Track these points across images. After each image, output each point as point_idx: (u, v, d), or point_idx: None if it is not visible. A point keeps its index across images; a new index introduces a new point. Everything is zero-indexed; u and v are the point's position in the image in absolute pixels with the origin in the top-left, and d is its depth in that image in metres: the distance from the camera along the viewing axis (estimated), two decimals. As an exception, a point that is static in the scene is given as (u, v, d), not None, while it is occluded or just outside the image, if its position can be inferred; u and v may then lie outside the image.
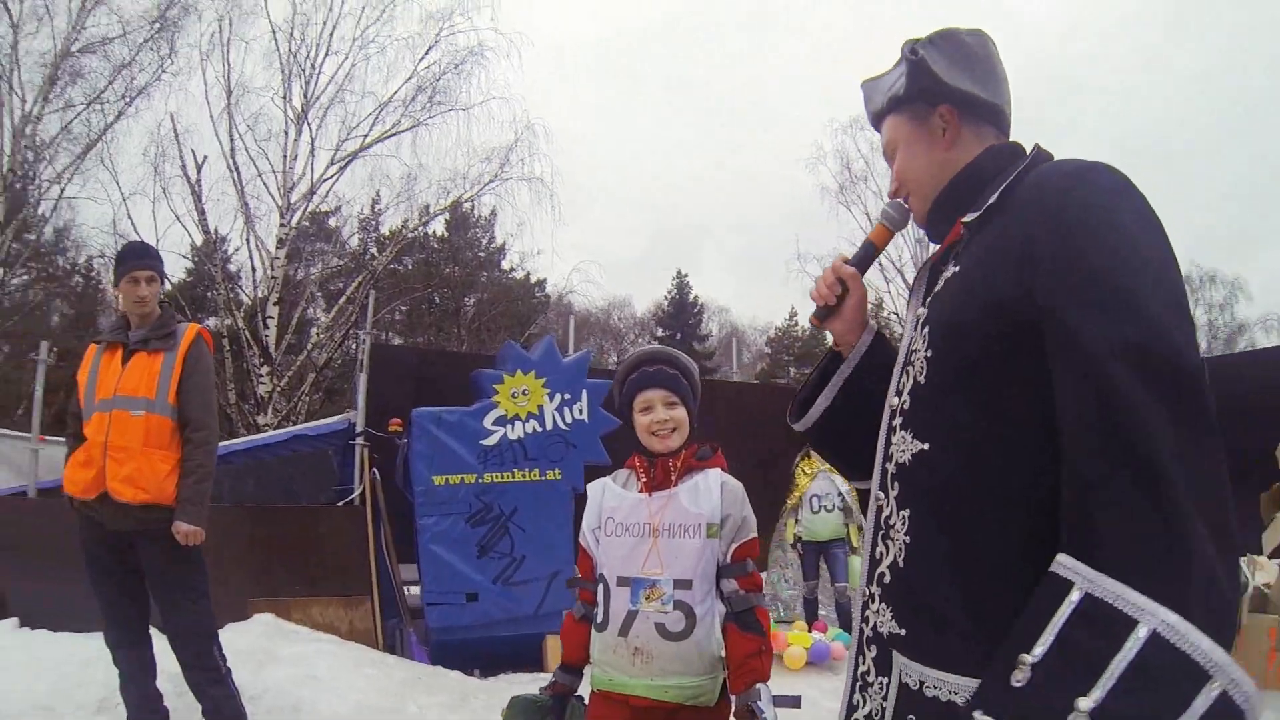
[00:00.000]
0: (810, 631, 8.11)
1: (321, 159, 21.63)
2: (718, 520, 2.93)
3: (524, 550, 7.25)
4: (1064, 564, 1.26)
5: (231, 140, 20.74)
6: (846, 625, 8.23)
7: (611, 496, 3.09)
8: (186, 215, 21.29)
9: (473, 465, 7.32)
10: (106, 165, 20.99)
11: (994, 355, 1.50)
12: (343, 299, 23.20)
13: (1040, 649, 1.23)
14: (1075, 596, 1.23)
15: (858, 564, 7.90)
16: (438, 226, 28.77)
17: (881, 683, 1.77)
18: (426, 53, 21.95)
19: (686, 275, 45.40)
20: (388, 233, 27.71)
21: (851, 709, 1.88)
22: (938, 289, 1.72)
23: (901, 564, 1.67)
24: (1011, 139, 1.85)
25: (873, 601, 1.80)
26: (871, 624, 1.80)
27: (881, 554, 1.77)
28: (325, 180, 21.84)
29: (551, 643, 7.03)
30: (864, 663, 1.84)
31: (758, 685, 2.84)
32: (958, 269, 1.66)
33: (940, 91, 1.81)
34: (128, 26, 21.12)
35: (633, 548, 2.96)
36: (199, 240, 22.47)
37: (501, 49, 22.49)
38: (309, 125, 21.41)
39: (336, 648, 6.25)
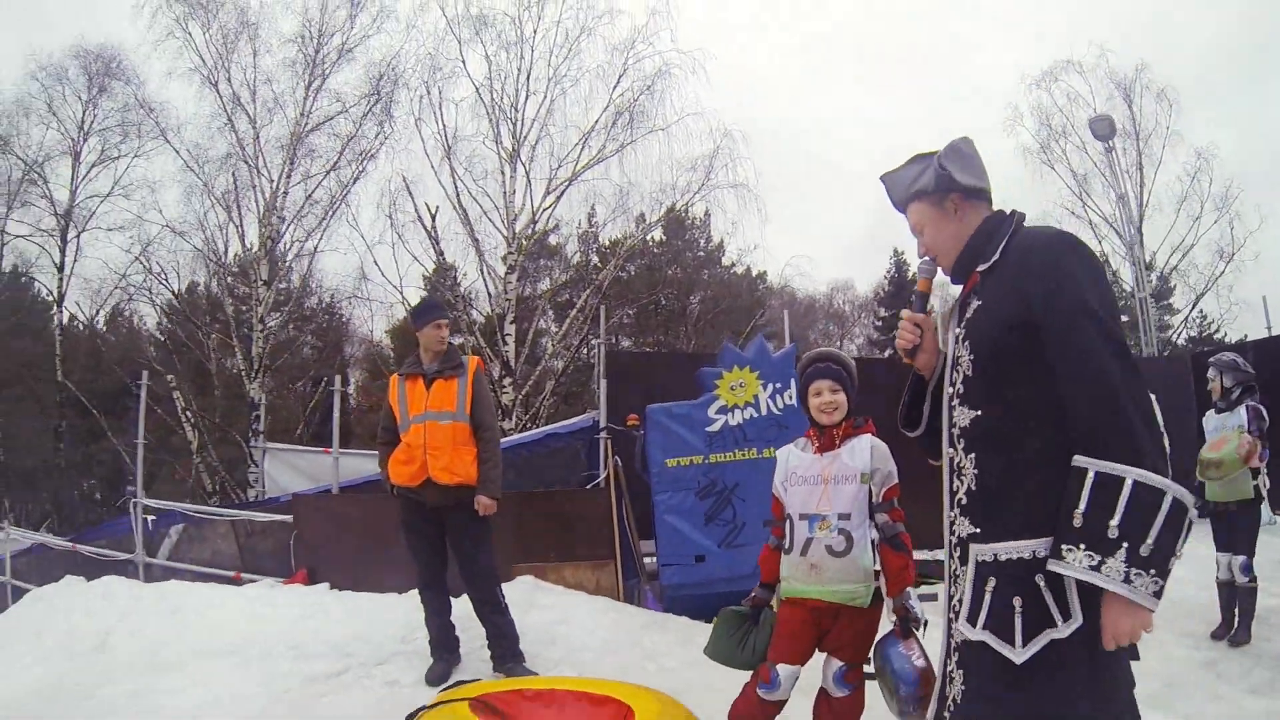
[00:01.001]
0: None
1: (538, 188, 23.23)
2: (869, 470, 3.97)
3: (745, 518, 8.05)
4: (1080, 460, 2.33)
5: (455, 185, 22.83)
6: None
7: (794, 458, 4.20)
8: (423, 254, 23.82)
9: (700, 449, 8.22)
10: (350, 223, 23.88)
11: (1014, 350, 2.53)
12: (574, 311, 24.70)
13: (1083, 504, 2.29)
14: (1091, 475, 2.30)
15: None
16: (655, 233, 29.62)
17: (964, 571, 2.64)
18: (618, 81, 23.17)
19: (904, 253, 44.29)
20: (607, 243, 28.96)
21: (950, 599, 2.76)
22: (969, 316, 2.70)
23: (974, 487, 2.61)
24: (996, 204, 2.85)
25: (955, 521, 2.71)
26: (956, 534, 2.70)
27: (956, 486, 2.71)
28: (544, 210, 23.47)
29: (769, 602, 8.00)
30: (953, 564, 2.73)
31: (908, 589, 3.88)
32: (980, 303, 2.67)
33: (953, 186, 2.76)
34: (347, 104, 23.98)
35: (809, 492, 4.03)
36: (430, 269, 24.59)
37: (687, 66, 23.23)
38: (521, 162, 23.04)
39: (586, 600, 7.47)
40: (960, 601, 2.68)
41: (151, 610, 7.63)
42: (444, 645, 6.02)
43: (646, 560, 8.86)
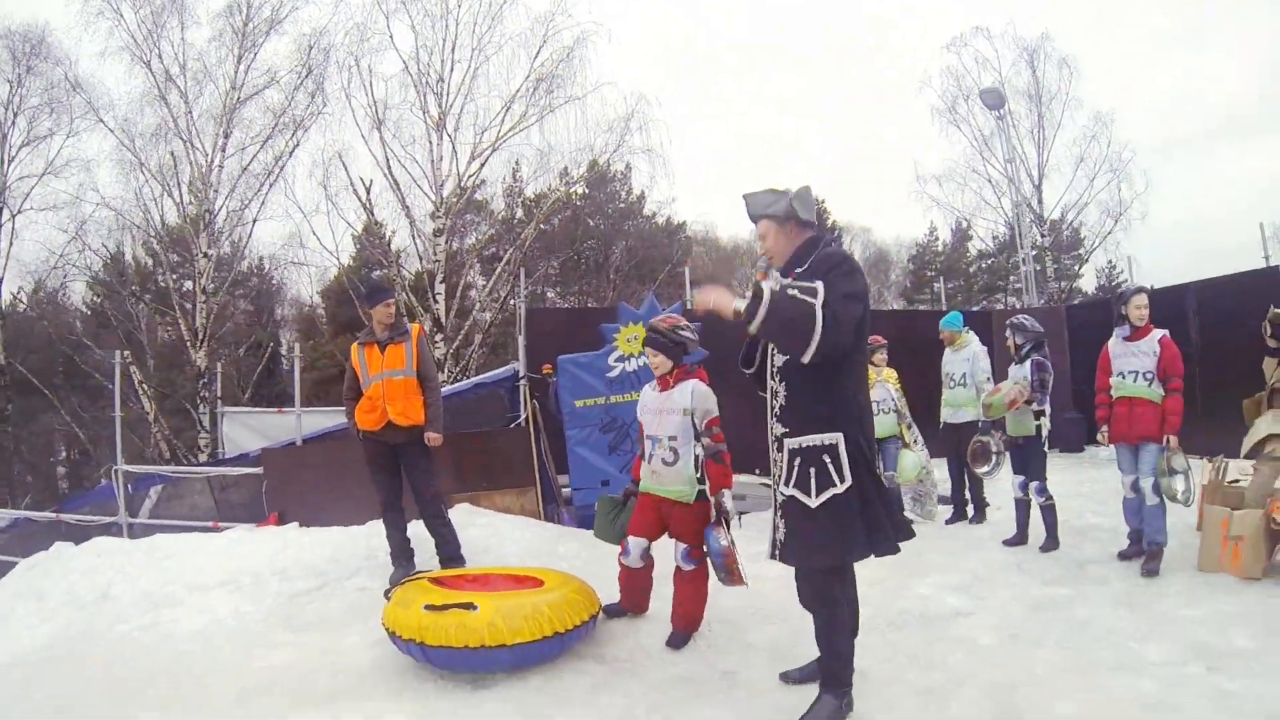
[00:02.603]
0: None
1: (464, 154, 24.03)
2: (690, 407, 5.63)
3: (639, 448, 9.46)
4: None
5: (386, 154, 23.56)
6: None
7: (646, 394, 5.98)
8: (356, 220, 24.65)
9: (602, 391, 9.62)
10: (288, 195, 24.67)
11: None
12: (500, 265, 25.68)
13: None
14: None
15: (908, 458, 9.39)
16: (578, 187, 30.29)
17: (781, 455, 4.36)
18: (539, 51, 24.01)
19: (824, 201, 45.41)
20: (532, 197, 29.69)
21: (774, 474, 4.46)
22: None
23: (784, 404, 4.35)
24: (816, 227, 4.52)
25: (773, 425, 4.41)
26: (774, 433, 4.41)
27: (774, 404, 4.41)
28: (470, 176, 24.32)
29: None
30: (773, 452, 4.45)
31: (724, 490, 5.56)
32: (795, 291, 4.07)
33: (794, 218, 4.40)
34: (278, 75, 24.62)
35: (652, 420, 5.83)
36: (359, 229, 25.50)
37: (603, 35, 25.16)
38: (447, 131, 23.87)
39: (511, 519, 8.83)
40: (780, 474, 4.36)
41: (145, 560, 8.45)
42: (403, 555, 7.54)
43: (563, 490, 10.27)
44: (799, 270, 4.27)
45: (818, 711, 4.34)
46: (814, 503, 4.17)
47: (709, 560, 5.67)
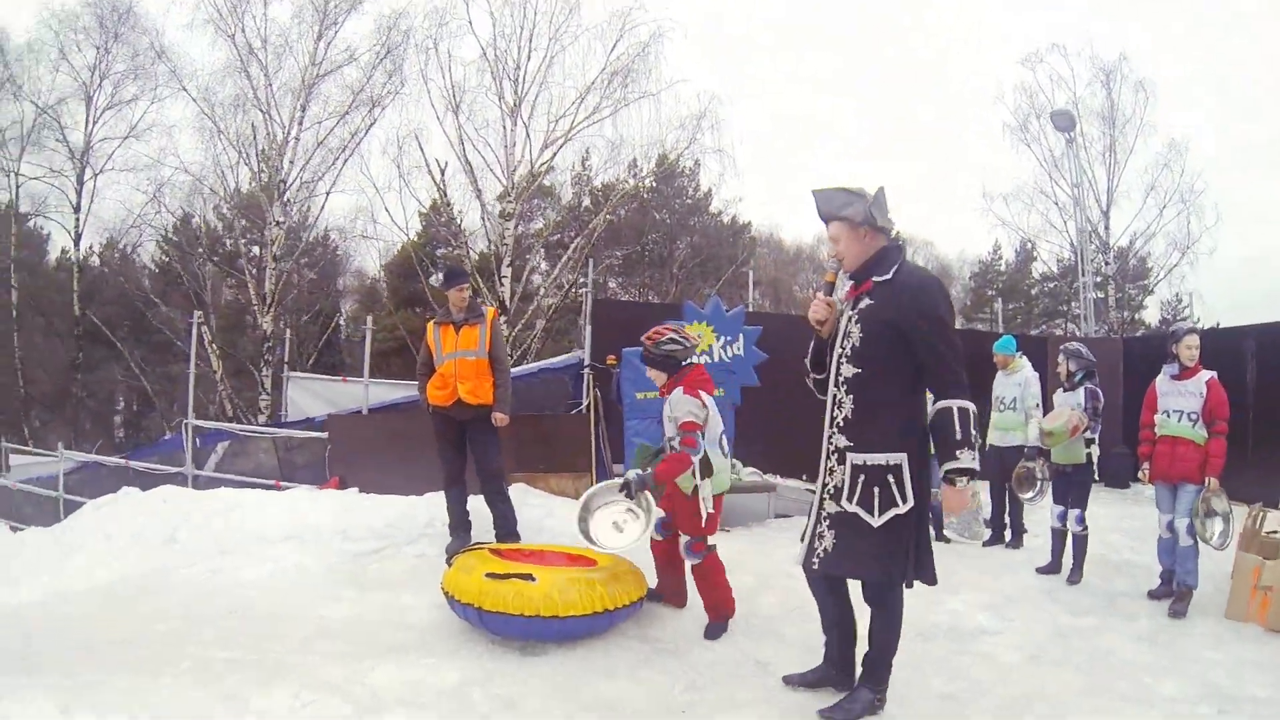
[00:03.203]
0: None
1: (536, 141, 24.33)
2: (671, 415, 5.90)
3: None
4: (941, 402, 4.20)
5: (461, 138, 23.92)
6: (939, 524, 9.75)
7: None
8: (426, 199, 25.58)
9: None
10: (363, 172, 25.23)
11: (886, 336, 4.27)
12: (566, 253, 26.00)
13: (956, 426, 4.17)
14: (940, 406, 4.20)
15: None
16: (646, 179, 30.41)
17: (841, 469, 4.39)
18: (615, 45, 24.20)
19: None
20: (600, 186, 30.01)
21: (824, 485, 4.51)
22: (861, 307, 4.34)
23: (850, 417, 4.37)
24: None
25: (833, 436, 4.43)
26: (834, 445, 4.43)
27: (836, 414, 4.43)
28: (542, 164, 24.62)
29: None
30: (830, 463, 4.47)
31: (644, 473, 5.89)
32: (871, 302, 4.31)
33: (871, 223, 4.36)
34: (356, 53, 25.14)
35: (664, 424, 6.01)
36: (427, 208, 26.14)
37: (678, 33, 25.10)
38: (522, 118, 24.15)
39: (566, 501, 9.05)
40: (837, 487, 4.40)
41: (210, 510, 8.80)
42: (461, 526, 7.87)
43: (617, 478, 10.39)
44: (878, 279, 4.33)
45: (853, 701, 4.54)
46: (877, 522, 4.27)
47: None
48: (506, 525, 7.82)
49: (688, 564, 6.14)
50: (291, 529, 8.33)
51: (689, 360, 6.16)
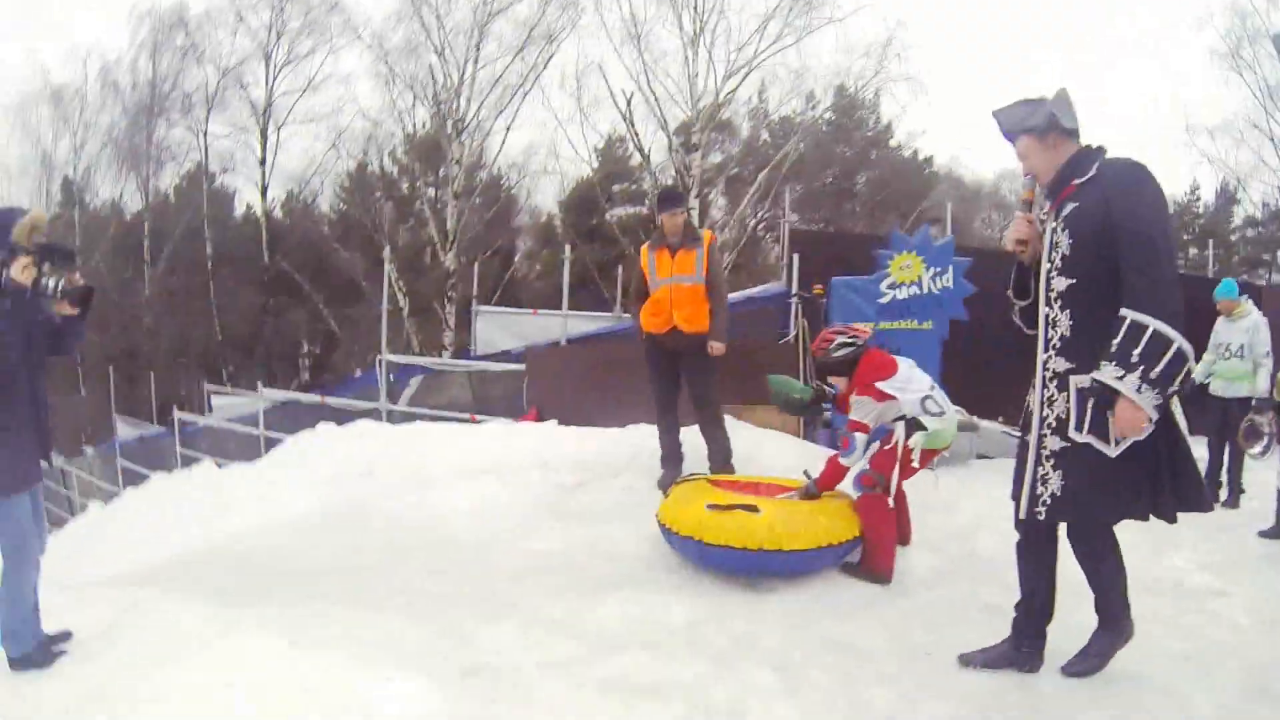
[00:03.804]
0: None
1: (719, 70, 24.22)
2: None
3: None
4: (1124, 310, 3.52)
5: (644, 69, 24.14)
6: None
7: None
8: (608, 131, 26.19)
9: (871, 316, 9.35)
10: (544, 105, 25.94)
11: (1099, 239, 3.68)
12: (752, 189, 25.77)
13: (1119, 337, 3.52)
14: (1128, 320, 3.51)
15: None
16: (825, 111, 30.13)
17: (1064, 395, 3.83)
18: None
19: None
20: (777, 120, 29.93)
21: (1043, 419, 3.91)
22: (1066, 213, 3.81)
23: (1067, 334, 3.82)
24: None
25: (1050, 359, 3.88)
26: (1051, 369, 3.88)
27: (1051, 335, 3.88)
28: (728, 93, 24.56)
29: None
30: (1048, 391, 3.89)
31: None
32: (1076, 205, 3.78)
33: (1056, 127, 3.88)
34: None
35: None
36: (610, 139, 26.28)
37: None
38: (704, 45, 24.03)
39: (774, 434, 8.83)
40: (1060, 418, 3.82)
41: (407, 443, 8.91)
42: (672, 457, 7.61)
43: (824, 411, 10.15)
44: (1079, 180, 3.82)
45: (1101, 645, 4.11)
46: (1114, 451, 3.71)
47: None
48: (722, 456, 7.49)
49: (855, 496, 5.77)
50: (489, 461, 8.25)
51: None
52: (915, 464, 5.60)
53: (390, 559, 6.08)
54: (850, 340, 5.81)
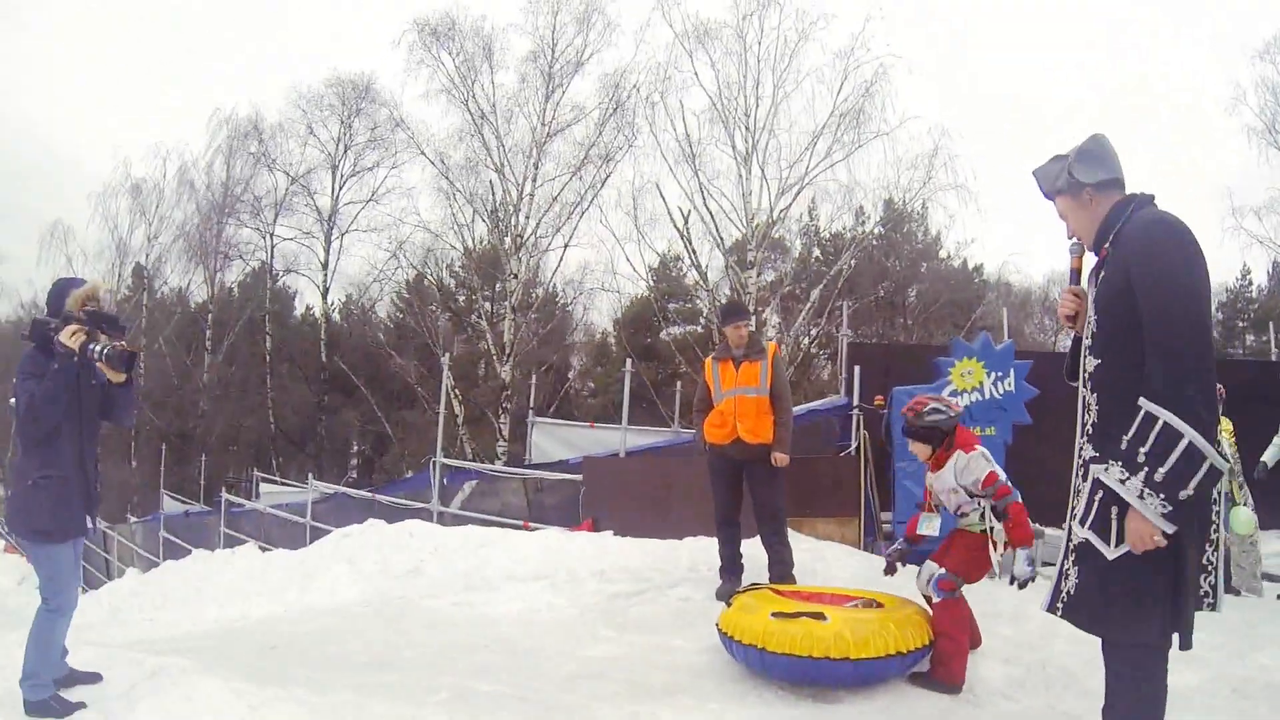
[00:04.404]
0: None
1: (772, 188, 24.61)
2: (955, 485, 5.57)
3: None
4: (1141, 400, 3.03)
5: (701, 187, 24.64)
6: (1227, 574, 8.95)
7: (928, 475, 5.83)
8: (665, 250, 26.78)
9: None
10: (603, 223, 26.37)
11: (1121, 312, 3.22)
12: (807, 306, 25.78)
13: (1130, 432, 3.03)
14: (1141, 412, 3.02)
15: (1243, 513, 8.37)
16: (875, 226, 30.40)
17: (1085, 486, 3.34)
18: (840, 87, 24.25)
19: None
20: (828, 236, 30.38)
21: (1072, 510, 3.45)
22: (1098, 284, 3.39)
23: (1095, 420, 3.38)
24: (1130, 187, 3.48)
25: (1082, 447, 3.46)
26: (1081, 457, 3.45)
27: (1085, 419, 3.46)
28: (782, 210, 24.97)
29: (987, 547, 9.13)
30: (1077, 480, 3.46)
31: (1019, 549, 5.34)
32: (1104, 273, 3.37)
33: (1083, 184, 3.47)
34: (586, 111, 26.58)
35: (939, 496, 5.76)
36: (667, 258, 26.77)
37: (902, 68, 25.54)
38: (758, 164, 24.51)
39: (835, 546, 8.66)
40: (1076, 509, 3.39)
41: (458, 546, 8.89)
42: (732, 568, 7.47)
43: (884, 525, 9.97)
44: (1107, 246, 3.40)
45: None
46: (1112, 554, 3.21)
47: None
48: (783, 567, 7.36)
49: (929, 600, 5.64)
50: (543, 568, 8.23)
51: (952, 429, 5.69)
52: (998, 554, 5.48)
53: (434, 656, 5.98)
54: (943, 410, 5.69)
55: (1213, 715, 4.72)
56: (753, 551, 7.55)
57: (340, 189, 32.49)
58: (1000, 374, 9.48)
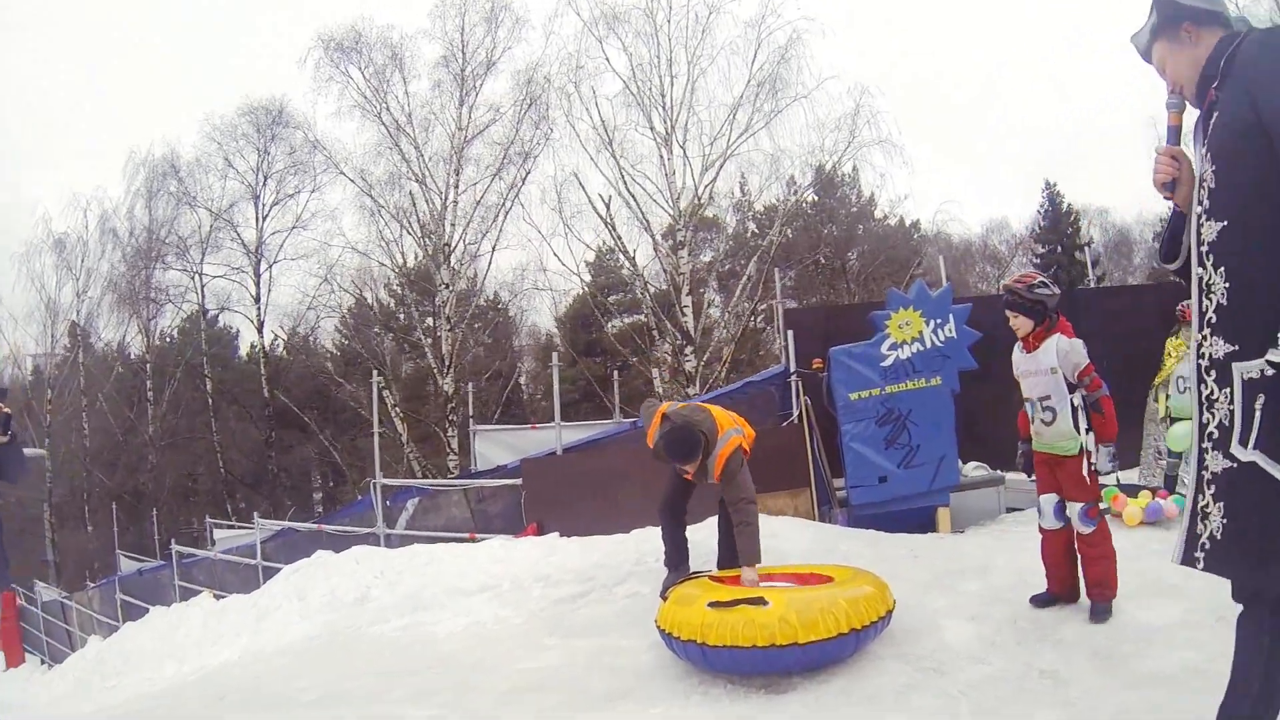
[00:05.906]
0: (1154, 498, 7.92)
1: (695, 166, 24.55)
2: (1056, 365, 5.25)
3: (919, 440, 8.79)
4: None
5: (621, 173, 24.38)
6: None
7: (1016, 357, 5.57)
8: (594, 241, 26.31)
9: (877, 381, 8.95)
10: (526, 220, 26.13)
11: (1252, 156, 2.52)
12: (743, 279, 25.63)
13: None
14: None
15: (1180, 429, 8.17)
16: (808, 194, 30.38)
17: (1225, 393, 2.59)
18: (755, 56, 24.22)
19: (1055, 185, 42.53)
20: (761, 209, 30.13)
21: (1203, 428, 2.69)
22: (1210, 131, 2.70)
23: (1224, 302, 2.60)
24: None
25: (1205, 341, 2.68)
26: (1207, 355, 2.66)
27: (1206, 306, 2.68)
28: (706, 186, 24.75)
29: (942, 513, 8.82)
30: (1207, 388, 2.67)
31: (1101, 443, 5.28)
32: (1218, 115, 2.67)
33: (1180, 14, 2.81)
34: (501, 111, 26.30)
35: (1025, 382, 5.50)
36: (596, 249, 26.90)
37: (816, 31, 25.60)
38: (677, 143, 24.38)
39: (789, 520, 8.40)
40: (1221, 426, 2.64)
41: (404, 567, 8.67)
42: (678, 560, 6.87)
43: (838, 492, 9.63)
44: (1216, 88, 2.73)
45: None
46: None
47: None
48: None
49: (1078, 533, 5.43)
50: (488, 580, 8.05)
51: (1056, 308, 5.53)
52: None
53: (375, 685, 5.87)
54: (1050, 286, 5.49)
55: (1199, 649, 4.50)
56: (699, 537, 7.07)
57: (264, 219, 31.92)
58: (940, 320, 9.16)
